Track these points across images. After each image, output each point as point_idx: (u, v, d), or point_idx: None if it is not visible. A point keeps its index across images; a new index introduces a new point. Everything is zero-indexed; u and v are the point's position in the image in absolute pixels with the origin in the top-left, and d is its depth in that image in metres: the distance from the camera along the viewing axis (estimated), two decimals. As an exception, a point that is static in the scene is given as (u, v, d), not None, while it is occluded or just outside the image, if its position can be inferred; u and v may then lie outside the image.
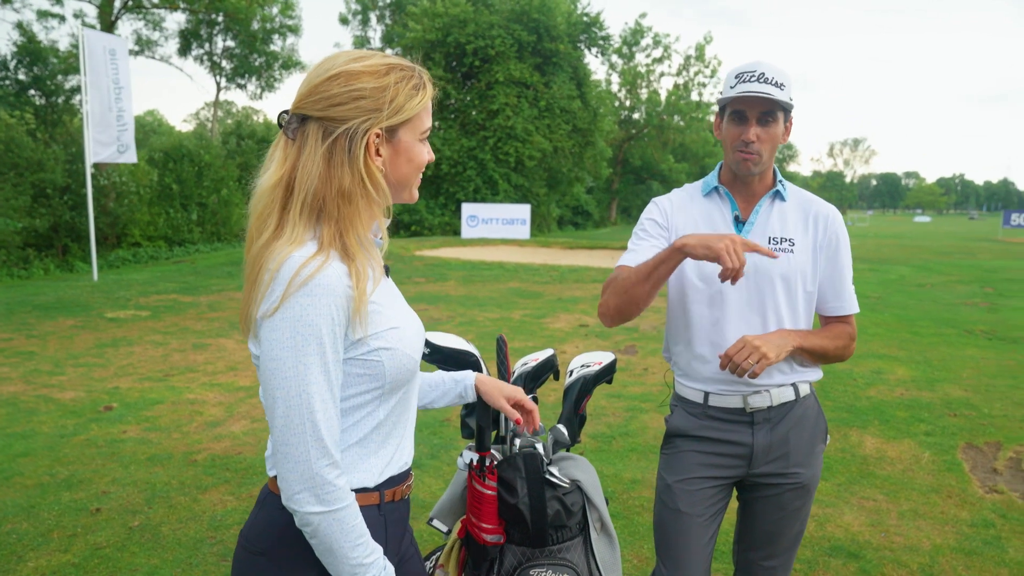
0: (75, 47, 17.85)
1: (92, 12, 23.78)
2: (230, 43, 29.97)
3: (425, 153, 1.25)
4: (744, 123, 1.77)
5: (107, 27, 21.54)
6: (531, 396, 1.88)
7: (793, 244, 1.83)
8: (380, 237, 1.24)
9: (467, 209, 24.29)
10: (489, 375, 1.67)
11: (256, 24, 27.50)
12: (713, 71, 47.25)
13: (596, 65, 51.99)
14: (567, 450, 1.89)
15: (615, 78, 48.63)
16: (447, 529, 1.83)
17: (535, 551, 1.70)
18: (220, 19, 27.35)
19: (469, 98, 30.40)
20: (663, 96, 48.27)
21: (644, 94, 49.19)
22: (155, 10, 26.39)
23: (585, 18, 31.86)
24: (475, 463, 1.69)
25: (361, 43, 36.77)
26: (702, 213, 1.89)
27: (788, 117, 1.81)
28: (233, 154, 24.21)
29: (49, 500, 3.62)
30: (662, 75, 49.19)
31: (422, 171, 1.27)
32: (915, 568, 3.03)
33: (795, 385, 1.86)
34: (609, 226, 48.68)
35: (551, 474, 1.71)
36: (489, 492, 1.65)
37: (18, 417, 4.94)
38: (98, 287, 11.69)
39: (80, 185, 15.25)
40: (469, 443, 1.77)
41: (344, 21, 37.56)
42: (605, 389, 5.28)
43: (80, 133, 15.11)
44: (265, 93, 31.82)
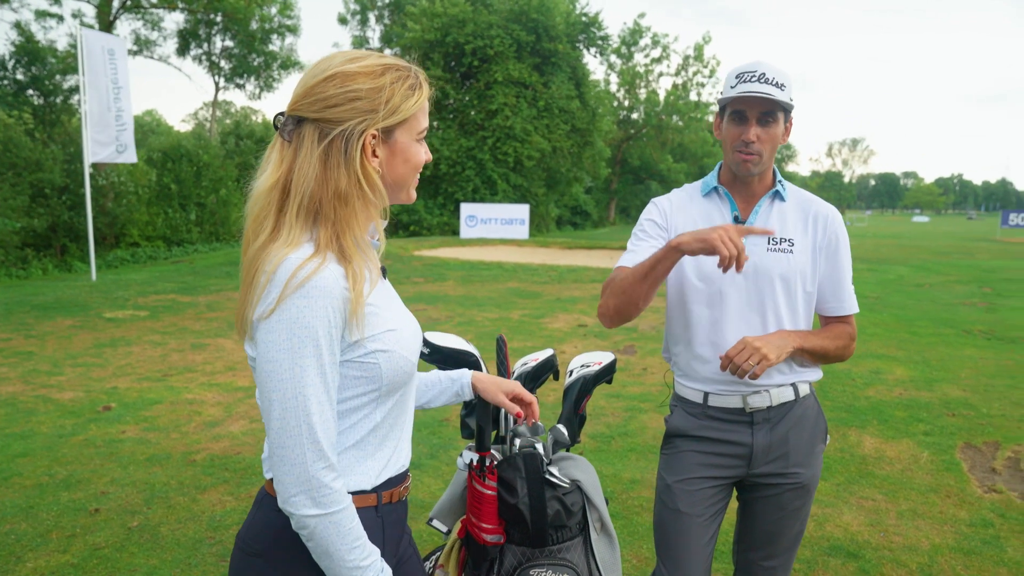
0: (73, 47, 17.81)
1: (90, 12, 23.80)
2: (229, 43, 29.98)
3: (422, 153, 1.24)
4: (744, 123, 1.77)
5: (105, 27, 21.53)
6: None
7: (793, 244, 1.83)
8: (377, 239, 1.24)
9: (466, 209, 24.30)
10: (490, 375, 1.66)
11: (255, 24, 27.51)
12: (712, 71, 47.28)
13: (595, 65, 52.17)
14: (567, 450, 1.89)
15: (614, 78, 48.67)
16: (447, 529, 1.83)
17: (535, 551, 1.69)
18: (219, 19, 27.36)
19: (468, 98, 30.40)
20: (662, 96, 48.30)
21: (643, 94, 49.22)
22: (153, 10, 26.39)
23: (584, 18, 31.86)
24: (475, 463, 1.69)
25: (360, 43, 36.77)
26: (701, 213, 1.89)
27: (788, 117, 1.81)
28: (232, 154, 24.21)
29: (48, 500, 3.62)
30: (661, 75, 49.24)
31: (419, 171, 1.26)
32: (914, 568, 3.03)
33: (795, 385, 1.86)
34: (608, 226, 48.70)
35: (551, 474, 1.71)
36: (489, 492, 1.65)
37: (16, 417, 4.93)
38: (96, 287, 11.68)
39: (78, 185, 15.24)
40: (469, 443, 1.77)
41: (343, 21, 37.56)
42: (604, 389, 5.28)
43: (78, 133, 15.10)
44: (264, 93, 31.85)
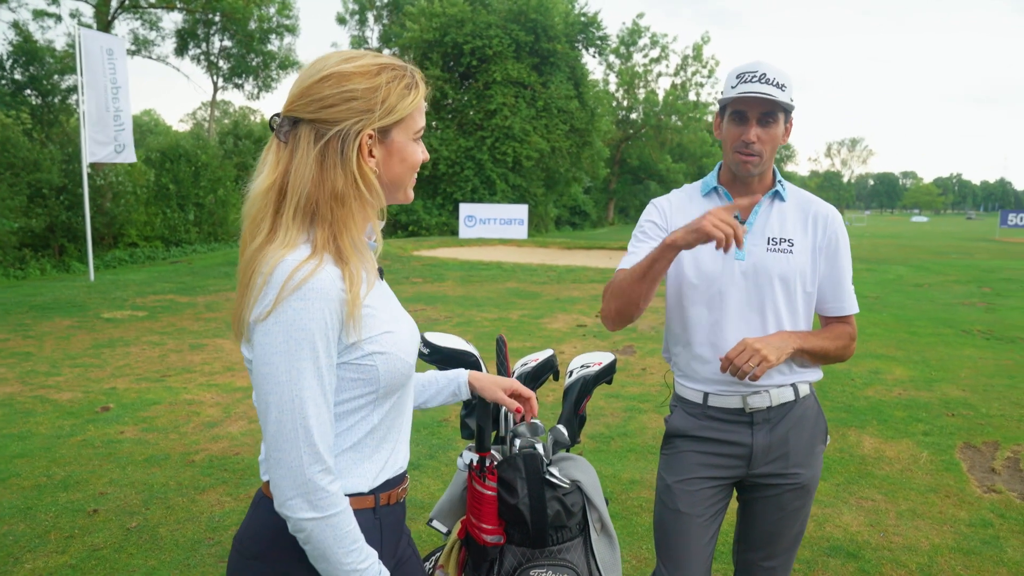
0: (71, 47, 17.79)
1: (88, 12, 23.78)
2: (227, 43, 29.99)
3: (419, 153, 1.23)
4: (744, 123, 1.77)
5: (104, 27, 21.52)
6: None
7: (792, 244, 1.83)
8: (374, 239, 1.23)
9: (464, 209, 24.30)
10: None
11: (253, 24, 27.52)
12: (711, 71, 47.33)
13: (593, 65, 52.18)
14: (567, 450, 1.89)
15: (612, 78, 48.71)
16: (447, 530, 1.83)
17: (535, 552, 1.69)
18: (217, 19, 27.35)
19: (466, 98, 30.40)
20: (660, 96, 48.33)
21: (641, 94, 49.25)
22: (152, 10, 26.38)
23: (582, 18, 31.87)
24: (475, 464, 1.68)
25: (358, 43, 36.75)
26: (701, 213, 1.89)
27: (788, 118, 1.81)
28: (230, 154, 24.20)
29: (46, 501, 3.61)
30: (659, 75, 49.29)
31: (416, 171, 1.25)
32: (914, 568, 3.03)
33: (795, 385, 1.85)
34: (606, 226, 48.72)
35: (551, 474, 1.70)
36: (489, 493, 1.65)
37: (15, 418, 4.92)
38: (95, 287, 11.66)
39: (76, 185, 15.21)
40: (469, 444, 1.77)
41: (341, 21, 37.55)
42: (603, 389, 5.28)
43: (76, 133, 15.08)
44: (262, 93, 31.88)
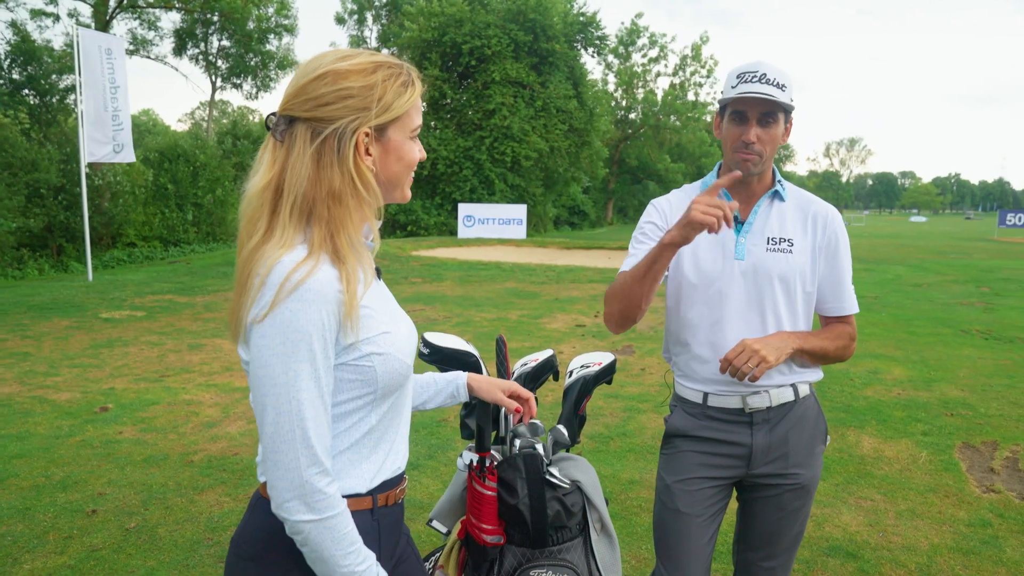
0: (69, 46, 17.79)
1: (87, 11, 23.75)
2: (226, 43, 29.97)
3: (416, 151, 1.23)
4: (744, 123, 1.76)
5: (102, 26, 21.50)
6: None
7: (792, 244, 1.82)
8: (371, 239, 1.22)
9: (463, 209, 24.29)
10: (489, 376, 1.66)
11: (252, 24, 27.50)
12: (709, 71, 47.39)
13: (592, 65, 52.16)
14: (567, 451, 1.89)
15: (611, 78, 48.76)
16: (446, 530, 1.83)
17: (535, 552, 1.69)
18: (216, 19, 27.33)
19: (465, 98, 30.41)
20: (659, 96, 48.37)
21: (640, 94, 49.30)
22: (150, 9, 26.35)
23: (581, 18, 31.88)
24: (475, 464, 1.68)
25: (357, 43, 36.75)
26: None
27: (788, 118, 1.80)
28: (229, 154, 24.19)
29: (44, 502, 3.60)
30: (658, 75, 49.35)
31: (413, 170, 1.25)
32: (913, 568, 3.03)
33: (794, 386, 1.85)
34: (605, 226, 48.74)
35: (551, 475, 1.70)
36: (489, 493, 1.65)
37: (13, 418, 4.92)
38: (93, 287, 11.64)
39: (74, 185, 15.20)
40: (469, 444, 1.77)
41: (340, 21, 37.57)
42: (603, 389, 5.28)
43: (75, 133, 15.06)
44: (261, 93, 31.85)
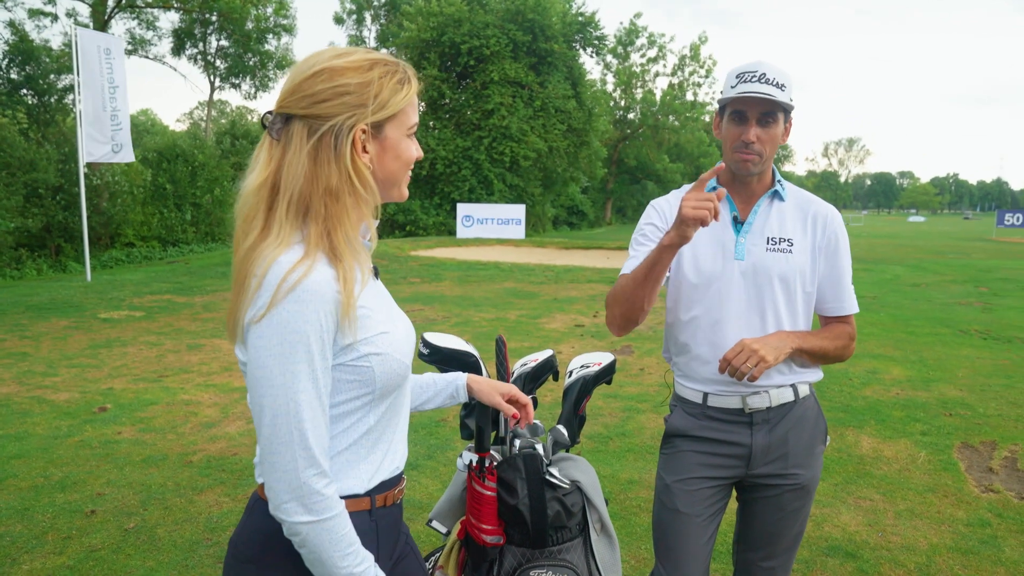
0: (67, 46, 17.76)
1: (85, 11, 23.74)
2: (224, 43, 29.93)
3: (413, 149, 1.23)
4: (744, 123, 1.76)
5: (100, 26, 21.48)
6: (530, 397, 1.88)
7: (792, 244, 1.82)
8: (369, 238, 1.22)
9: (462, 209, 24.30)
10: (488, 376, 1.66)
11: (250, 24, 27.46)
12: (708, 71, 47.43)
13: (591, 65, 52.07)
14: (567, 451, 1.89)
15: (610, 78, 48.78)
16: (446, 530, 1.83)
17: (535, 552, 1.69)
18: (214, 19, 27.30)
19: (464, 98, 30.41)
20: (658, 96, 48.40)
21: (639, 94, 49.32)
22: (149, 9, 26.32)
23: (580, 18, 31.89)
24: (475, 464, 1.68)
25: (356, 43, 36.72)
26: None
27: (788, 118, 1.80)
28: (227, 154, 24.20)
29: (43, 502, 3.60)
30: (657, 75, 49.39)
31: (410, 168, 1.24)
32: (912, 567, 3.03)
33: (794, 386, 1.85)
34: (604, 226, 48.76)
35: (551, 475, 1.70)
36: (489, 493, 1.65)
37: (11, 419, 4.91)
38: (91, 287, 11.63)
39: (73, 185, 15.19)
40: (468, 444, 1.76)
41: (339, 21, 37.57)
42: (602, 389, 5.27)
43: (73, 132, 15.04)
44: (259, 93, 31.80)
